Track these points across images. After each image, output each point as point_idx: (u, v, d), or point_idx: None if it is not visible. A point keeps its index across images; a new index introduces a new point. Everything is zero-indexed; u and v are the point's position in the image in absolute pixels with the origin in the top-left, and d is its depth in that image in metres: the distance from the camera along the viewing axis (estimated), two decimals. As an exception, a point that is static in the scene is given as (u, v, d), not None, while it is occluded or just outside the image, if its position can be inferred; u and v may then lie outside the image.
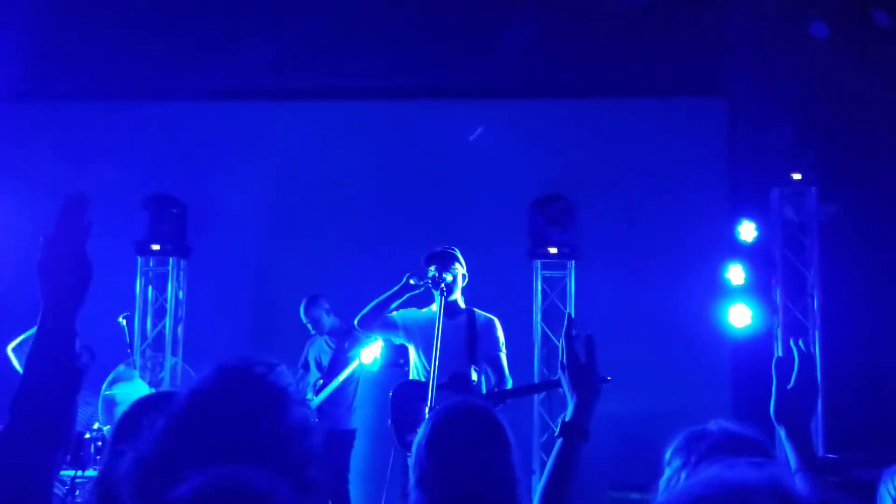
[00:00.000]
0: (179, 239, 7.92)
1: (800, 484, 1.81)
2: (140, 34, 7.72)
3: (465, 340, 5.16)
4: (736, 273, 7.32)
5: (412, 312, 5.32)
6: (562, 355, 2.06)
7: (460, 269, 5.23)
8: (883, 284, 6.82)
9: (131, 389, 6.50)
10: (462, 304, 5.30)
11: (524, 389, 6.03)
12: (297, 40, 7.34)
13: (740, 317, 7.24)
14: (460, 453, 2.24)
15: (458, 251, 5.28)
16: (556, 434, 1.98)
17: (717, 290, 7.37)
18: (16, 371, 6.52)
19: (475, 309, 5.35)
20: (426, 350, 5.09)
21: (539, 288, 7.65)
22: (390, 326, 5.25)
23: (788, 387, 1.92)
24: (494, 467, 2.25)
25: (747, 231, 7.32)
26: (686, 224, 7.58)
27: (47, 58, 7.74)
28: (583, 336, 2.11)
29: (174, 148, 8.10)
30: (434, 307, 5.14)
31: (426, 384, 4.84)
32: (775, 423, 1.90)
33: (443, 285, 4.97)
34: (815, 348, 7.02)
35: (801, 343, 1.97)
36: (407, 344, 5.33)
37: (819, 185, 7.22)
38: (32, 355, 1.54)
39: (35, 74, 7.72)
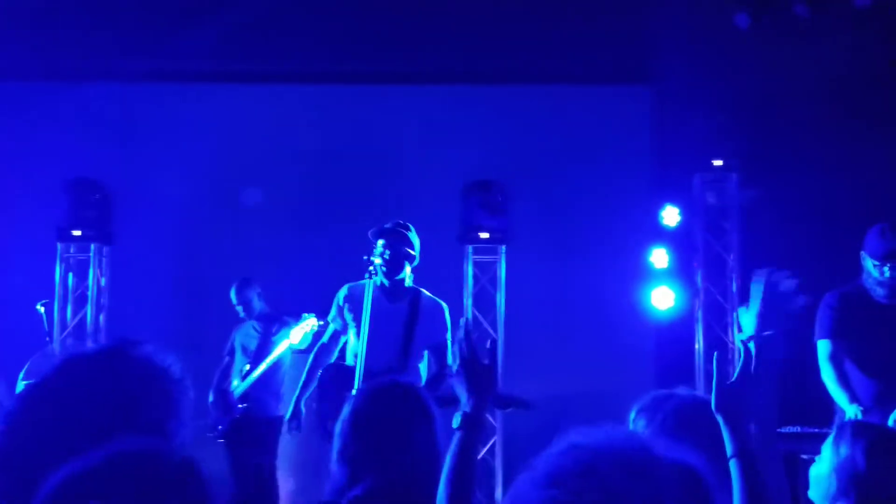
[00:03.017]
0: (102, 224, 7.73)
1: (732, 469, 1.95)
2: (61, 12, 7.51)
3: (404, 327, 4.90)
4: (659, 257, 7.47)
5: (341, 296, 5.09)
6: (460, 357, 2.12)
7: (410, 250, 4.99)
8: (800, 269, 7.02)
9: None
10: (409, 283, 5.03)
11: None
12: (226, 22, 7.23)
13: (663, 299, 7.41)
14: (382, 428, 2.31)
15: (412, 227, 5.04)
16: (457, 427, 2.05)
17: (642, 273, 7.52)
18: None
19: (422, 291, 5.06)
20: (354, 332, 4.90)
21: (470, 273, 7.70)
22: (339, 330, 5.05)
23: (731, 380, 2.03)
24: (416, 445, 2.30)
25: (671, 216, 7.48)
26: (612, 209, 7.70)
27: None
28: (488, 340, 2.21)
29: (97, 131, 7.89)
30: (378, 279, 4.95)
31: (349, 368, 4.71)
32: (714, 412, 2.01)
33: (371, 268, 4.83)
34: (733, 330, 7.21)
35: (750, 345, 2.08)
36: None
37: (739, 172, 7.41)
38: None
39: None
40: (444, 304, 5.09)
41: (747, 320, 2.25)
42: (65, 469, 1.12)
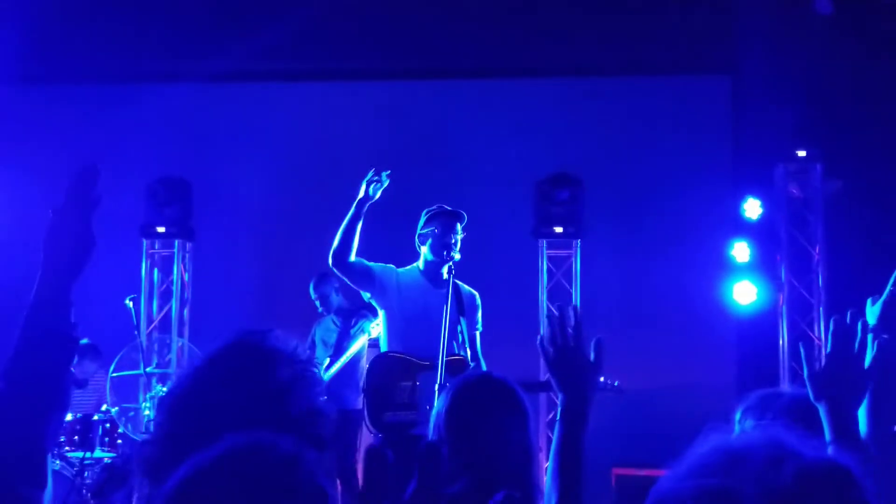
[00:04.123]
0: (184, 221, 7.92)
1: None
2: (143, 16, 7.71)
3: (455, 316, 4.61)
4: (741, 250, 7.32)
5: (391, 269, 4.84)
6: (554, 348, 2.03)
7: (460, 236, 4.79)
8: (888, 260, 6.81)
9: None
10: (446, 275, 4.73)
11: (536, 386, 5.51)
12: (301, 22, 7.33)
13: (745, 294, 7.25)
14: (478, 423, 2.30)
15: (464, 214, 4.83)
16: (557, 418, 2.00)
17: (723, 267, 7.37)
18: None
19: (457, 280, 4.77)
20: (401, 316, 4.66)
21: (544, 267, 7.65)
22: (366, 274, 4.71)
23: (822, 366, 1.87)
24: (511, 439, 2.29)
25: (752, 208, 7.32)
26: (691, 201, 7.57)
27: (49, 41, 7.74)
28: (595, 339, 2.08)
29: (179, 130, 8.10)
30: (420, 265, 4.81)
31: (406, 360, 4.52)
32: (815, 402, 1.84)
33: (451, 263, 4.58)
34: (819, 326, 7.02)
35: (869, 336, 1.90)
36: (378, 306, 4.84)
37: (823, 162, 7.21)
38: (28, 324, 1.54)
39: (37, 58, 7.72)
40: (478, 295, 4.90)
41: (873, 311, 2.05)
42: (180, 470, 1.14)
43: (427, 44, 7.74)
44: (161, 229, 7.89)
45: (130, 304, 6.69)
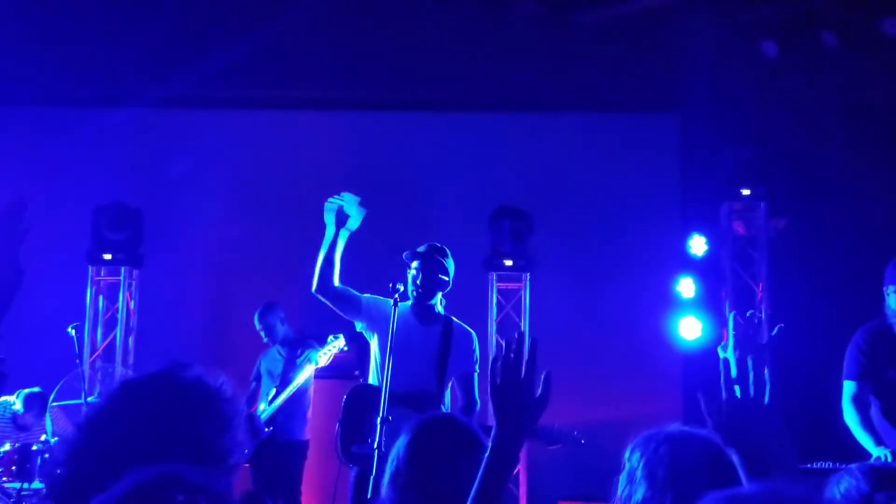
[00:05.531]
0: (132, 248, 7.80)
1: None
2: (92, 40, 7.64)
3: (438, 353, 4.67)
4: (686, 286, 7.43)
5: (383, 301, 4.77)
6: (492, 381, 1.99)
7: (444, 276, 4.76)
8: (829, 298, 6.97)
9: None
10: (440, 310, 4.80)
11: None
12: (256, 49, 7.33)
13: (691, 329, 7.35)
14: (437, 463, 2.31)
15: (448, 252, 4.81)
16: (487, 454, 1.96)
17: (669, 302, 7.48)
18: None
19: (453, 318, 4.84)
20: (385, 349, 4.57)
21: (494, 300, 7.69)
22: (353, 302, 4.73)
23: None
24: (467, 483, 2.29)
25: (698, 245, 7.45)
26: (639, 238, 7.69)
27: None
28: (543, 373, 2.02)
29: (129, 156, 8.01)
30: (409, 302, 4.78)
31: (380, 392, 4.40)
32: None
33: (397, 295, 4.51)
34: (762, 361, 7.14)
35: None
36: (368, 335, 4.82)
37: (768, 201, 7.37)
38: None
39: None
40: (474, 333, 4.90)
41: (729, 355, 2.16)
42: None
43: (382, 75, 7.78)
44: (108, 256, 7.75)
45: (73, 332, 6.56)
